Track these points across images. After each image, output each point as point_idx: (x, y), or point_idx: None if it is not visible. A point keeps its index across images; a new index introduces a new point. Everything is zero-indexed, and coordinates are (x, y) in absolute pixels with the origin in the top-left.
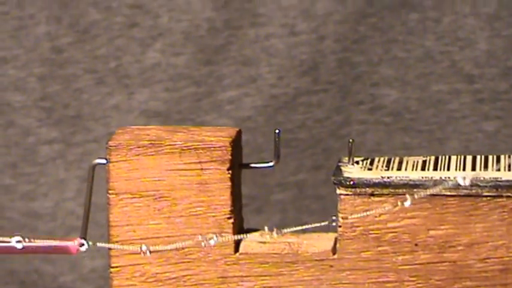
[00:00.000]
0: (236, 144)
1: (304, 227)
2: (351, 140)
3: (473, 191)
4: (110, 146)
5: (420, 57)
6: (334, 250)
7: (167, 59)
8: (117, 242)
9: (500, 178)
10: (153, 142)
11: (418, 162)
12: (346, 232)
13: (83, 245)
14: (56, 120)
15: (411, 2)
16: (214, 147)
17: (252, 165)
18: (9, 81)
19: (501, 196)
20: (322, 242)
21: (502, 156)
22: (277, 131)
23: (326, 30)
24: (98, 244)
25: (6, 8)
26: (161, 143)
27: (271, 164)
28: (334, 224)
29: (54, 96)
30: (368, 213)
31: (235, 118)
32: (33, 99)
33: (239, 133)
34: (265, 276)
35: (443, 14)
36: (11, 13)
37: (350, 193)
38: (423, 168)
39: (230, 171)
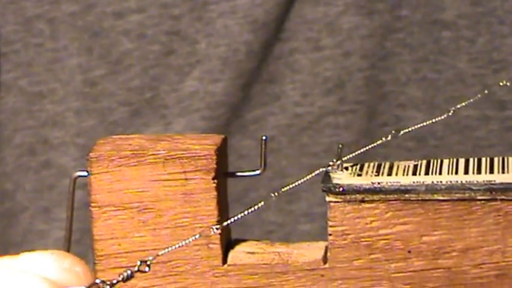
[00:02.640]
0: (221, 152)
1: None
2: (340, 145)
3: (467, 195)
4: (91, 158)
5: (451, 79)
6: (325, 259)
7: (205, 87)
8: (101, 256)
9: (494, 181)
10: (135, 152)
11: (409, 166)
12: (336, 240)
13: None
14: None
15: (444, 19)
16: (198, 156)
17: (238, 173)
18: (48, 116)
19: (495, 199)
20: (313, 251)
21: (496, 159)
22: (264, 137)
23: (352, 45)
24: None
25: (40, 39)
26: (144, 153)
27: (257, 172)
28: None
29: (90, 132)
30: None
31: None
32: (70, 134)
33: (224, 140)
34: (255, 287)
35: (479, 34)
36: (45, 45)
37: (340, 200)
38: (414, 173)
39: (215, 181)
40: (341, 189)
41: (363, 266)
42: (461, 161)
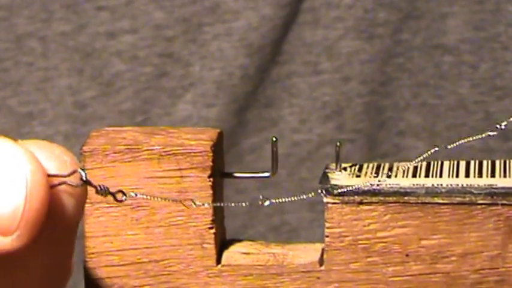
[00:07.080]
0: (217, 148)
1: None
2: (338, 144)
3: (467, 199)
4: (84, 152)
5: (452, 105)
6: (321, 261)
7: (198, 111)
8: (92, 253)
9: (496, 185)
10: (130, 147)
11: (409, 168)
12: (333, 242)
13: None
14: None
15: (446, 44)
16: (194, 153)
17: (236, 174)
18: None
19: (496, 204)
20: (309, 253)
21: (498, 162)
22: (274, 138)
23: (351, 71)
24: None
25: (31, 58)
26: (139, 148)
27: (266, 174)
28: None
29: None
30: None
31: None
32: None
33: (220, 135)
34: None
35: (482, 60)
36: (36, 63)
37: (338, 201)
38: (414, 175)
39: (211, 179)
40: (339, 190)
41: (359, 269)
42: (462, 164)
